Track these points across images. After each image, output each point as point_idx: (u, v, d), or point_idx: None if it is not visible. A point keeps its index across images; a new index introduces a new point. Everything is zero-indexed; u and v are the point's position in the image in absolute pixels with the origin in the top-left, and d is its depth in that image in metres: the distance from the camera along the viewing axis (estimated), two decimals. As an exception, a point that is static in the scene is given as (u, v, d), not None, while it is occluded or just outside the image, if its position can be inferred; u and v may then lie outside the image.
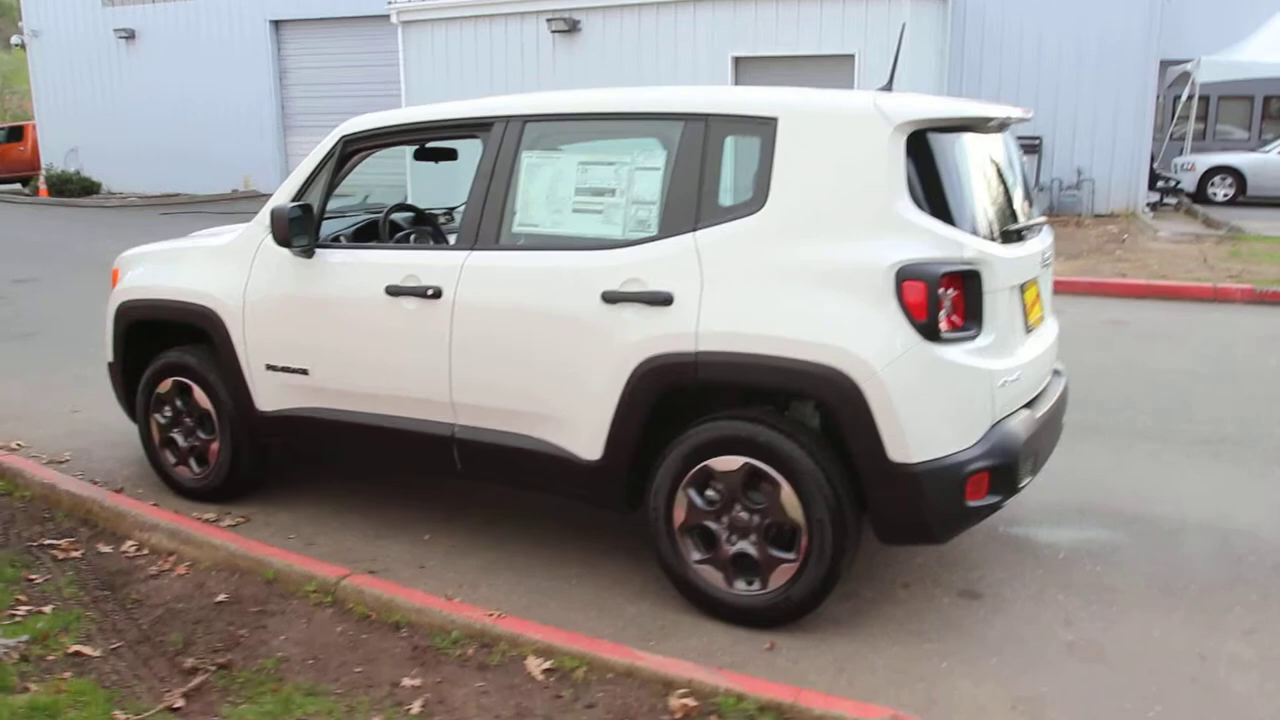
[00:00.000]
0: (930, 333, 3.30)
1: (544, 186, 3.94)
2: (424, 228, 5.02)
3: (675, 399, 3.66)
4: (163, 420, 4.96)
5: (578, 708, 3.08)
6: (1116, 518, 4.69)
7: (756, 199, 3.51)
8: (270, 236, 4.47)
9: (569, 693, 3.14)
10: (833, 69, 14.66)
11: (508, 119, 4.01)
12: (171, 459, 4.98)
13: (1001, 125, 3.85)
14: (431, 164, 5.20)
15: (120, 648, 3.52)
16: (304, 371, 4.42)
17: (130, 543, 4.36)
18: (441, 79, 17.74)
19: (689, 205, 3.60)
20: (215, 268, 4.67)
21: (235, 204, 21.38)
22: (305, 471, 5.30)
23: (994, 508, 3.55)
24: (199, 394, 4.78)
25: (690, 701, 3.01)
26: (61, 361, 7.86)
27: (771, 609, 3.60)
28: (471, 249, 4.01)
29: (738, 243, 3.51)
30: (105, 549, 4.34)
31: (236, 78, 22.87)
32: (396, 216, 4.93)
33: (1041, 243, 3.99)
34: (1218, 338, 8.75)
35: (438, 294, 4.00)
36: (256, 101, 22.93)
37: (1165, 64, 18.38)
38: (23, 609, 3.77)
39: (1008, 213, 3.66)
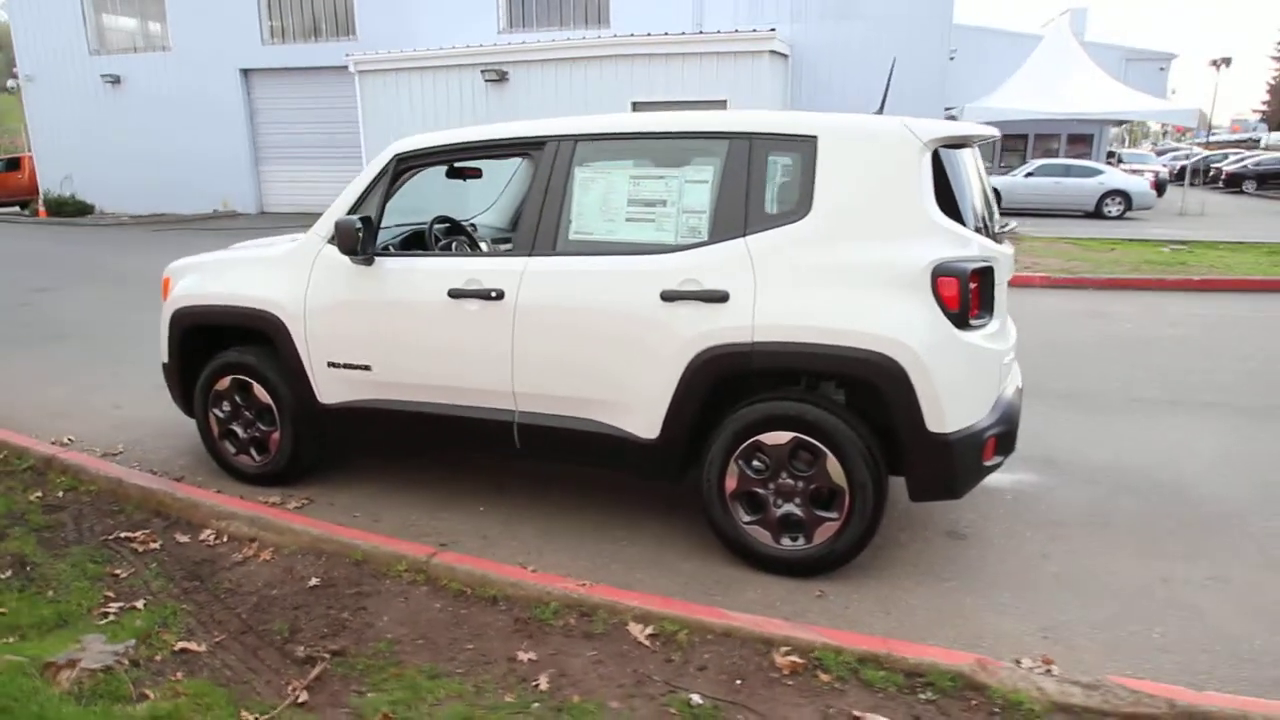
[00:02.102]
0: (961, 321, 2.91)
1: (597, 198, 3.33)
2: (460, 237, 4.31)
3: (725, 384, 3.16)
4: (221, 414, 4.13)
5: (691, 670, 2.54)
6: (1041, 464, 4.41)
7: (801, 207, 3.03)
8: (327, 246, 3.74)
9: (678, 656, 2.60)
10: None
11: (560, 138, 3.39)
12: (231, 449, 4.15)
13: (977, 141, 3.46)
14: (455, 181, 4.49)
15: (224, 640, 2.78)
16: (366, 367, 3.70)
17: (208, 531, 3.55)
18: (394, 120, 16.47)
19: (738, 213, 3.10)
20: (275, 275, 3.86)
21: (217, 222, 19.51)
22: (355, 455, 4.54)
23: (998, 465, 3.20)
24: (258, 390, 3.98)
25: (795, 659, 2.52)
26: (96, 361, 6.72)
27: (817, 560, 3.16)
28: (530, 255, 3.38)
29: (786, 246, 3.03)
30: (183, 539, 3.52)
31: (212, 117, 20.76)
32: (436, 228, 4.21)
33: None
34: (1039, 314, 8.73)
35: (500, 295, 3.36)
36: (231, 137, 20.89)
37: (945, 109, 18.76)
38: (114, 606, 2.97)
39: (990, 215, 3.29)
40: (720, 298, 3.05)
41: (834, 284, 2.96)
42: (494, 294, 3.37)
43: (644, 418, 3.26)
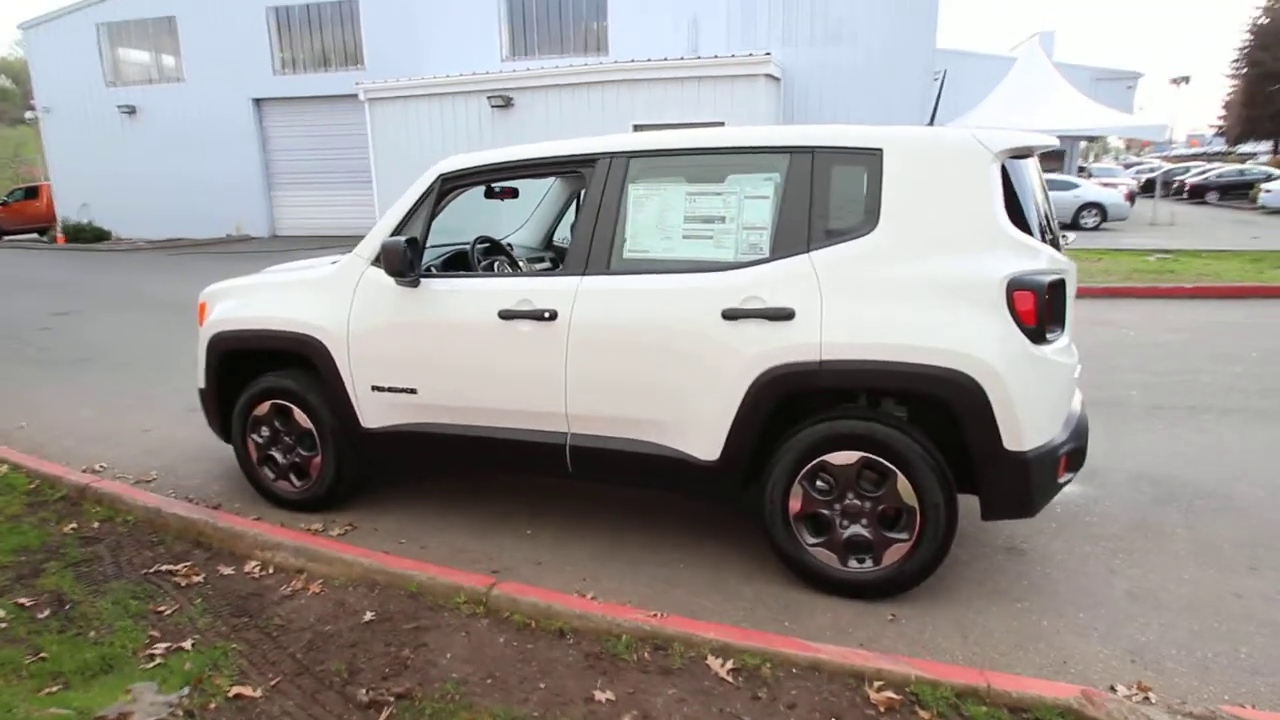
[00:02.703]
0: (1037, 336, 2.69)
1: (652, 216, 3.10)
2: (500, 257, 4.07)
3: (788, 404, 2.92)
4: (260, 440, 3.86)
5: (780, 708, 2.29)
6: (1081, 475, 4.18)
7: (868, 221, 2.81)
8: (371, 268, 3.49)
9: (764, 693, 2.35)
10: (709, 132, 14.08)
11: (612, 155, 3.16)
12: (270, 475, 3.88)
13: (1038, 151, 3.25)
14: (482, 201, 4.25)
15: (280, 683, 2.51)
16: (411, 391, 3.44)
17: (253, 563, 3.28)
18: (402, 145, 16.26)
19: (801, 228, 2.87)
20: (317, 298, 3.60)
21: (230, 246, 19.19)
22: (393, 478, 4.27)
23: (1069, 482, 2.97)
24: (299, 414, 3.71)
25: (891, 694, 2.27)
26: (122, 384, 6.42)
27: (886, 583, 2.91)
28: (583, 274, 3.14)
29: (853, 261, 2.80)
30: (227, 571, 3.25)
31: (225, 144, 20.48)
32: (477, 248, 3.96)
33: None
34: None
35: (553, 316, 3.12)
36: (243, 163, 20.59)
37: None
38: (160, 646, 2.69)
39: (1054, 226, 3.06)
40: (785, 315, 2.81)
41: (904, 300, 2.73)
42: (547, 314, 3.12)
43: (704, 439, 3.01)
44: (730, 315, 2.88)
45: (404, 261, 3.23)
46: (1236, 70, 49.86)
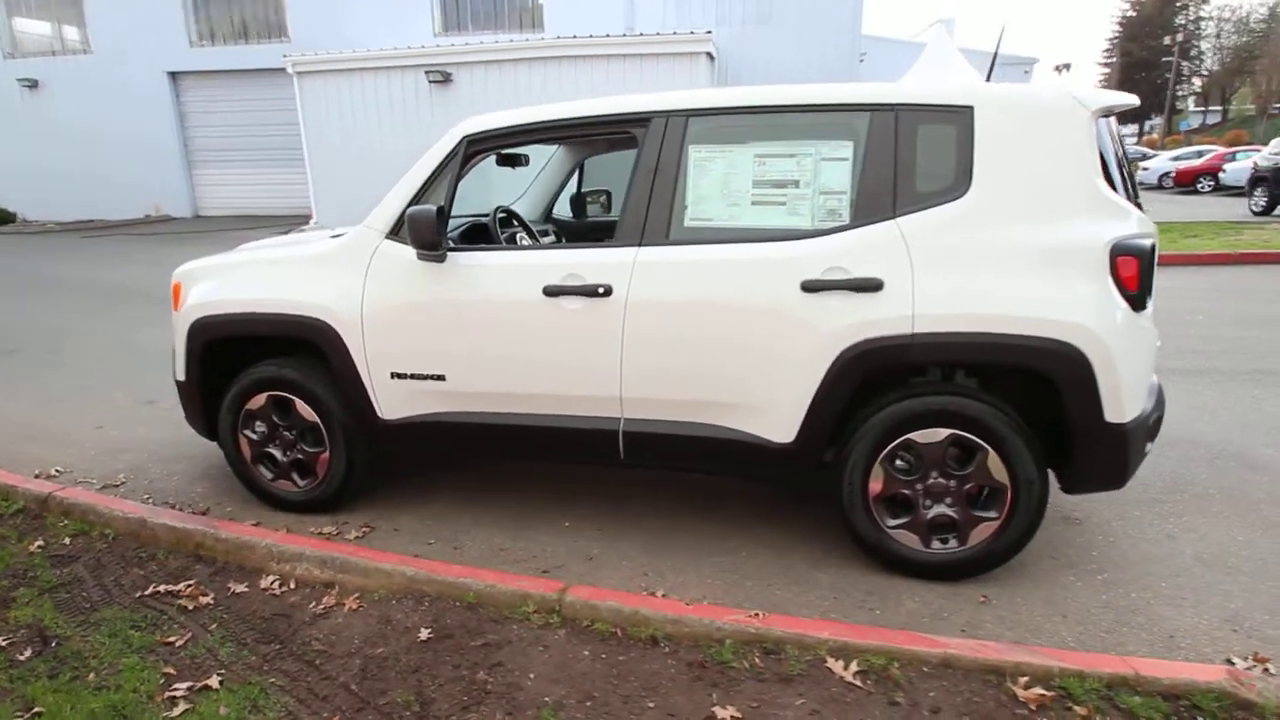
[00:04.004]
0: (1139, 303, 2.46)
1: (716, 180, 2.71)
2: (516, 229, 3.60)
3: (871, 381, 2.63)
4: (255, 436, 3.31)
5: (923, 712, 2.01)
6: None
7: (959, 184, 2.51)
8: (386, 241, 2.99)
9: (901, 698, 2.06)
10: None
11: (669, 114, 2.75)
12: (268, 474, 3.35)
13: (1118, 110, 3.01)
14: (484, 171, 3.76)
15: (340, 722, 2.07)
16: (440, 377, 2.98)
17: (270, 578, 2.77)
18: (334, 121, 15.12)
19: (885, 193, 2.55)
20: (322, 276, 3.07)
21: (150, 227, 17.57)
22: (398, 470, 3.78)
23: (1149, 451, 2.79)
24: (301, 407, 3.19)
25: (1041, 690, 2.02)
26: (56, 376, 5.59)
27: (973, 563, 2.68)
28: (639, 245, 2.74)
29: (945, 227, 2.50)
30: (239, 588, 2.74)
31: (139, 120, 18.65)
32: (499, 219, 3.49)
33: None
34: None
35: (608, 292, 2.71)
36: (160, 141, 18.81)
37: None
38: (181, 686, 2.20)
39: (1135, 187, 2.84)
40: (873, 286, 2.50)
41: (1002, 267, 2.45)
42: (601, 290, 2.71)
43: (778, 420, 2.69)
44: (810, 287, 2.55)
45: (434, 233, 2.75)
46: (1108, 59, 52.60)
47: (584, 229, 4.43)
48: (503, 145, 3.00)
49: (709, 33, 13.91)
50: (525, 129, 2.95)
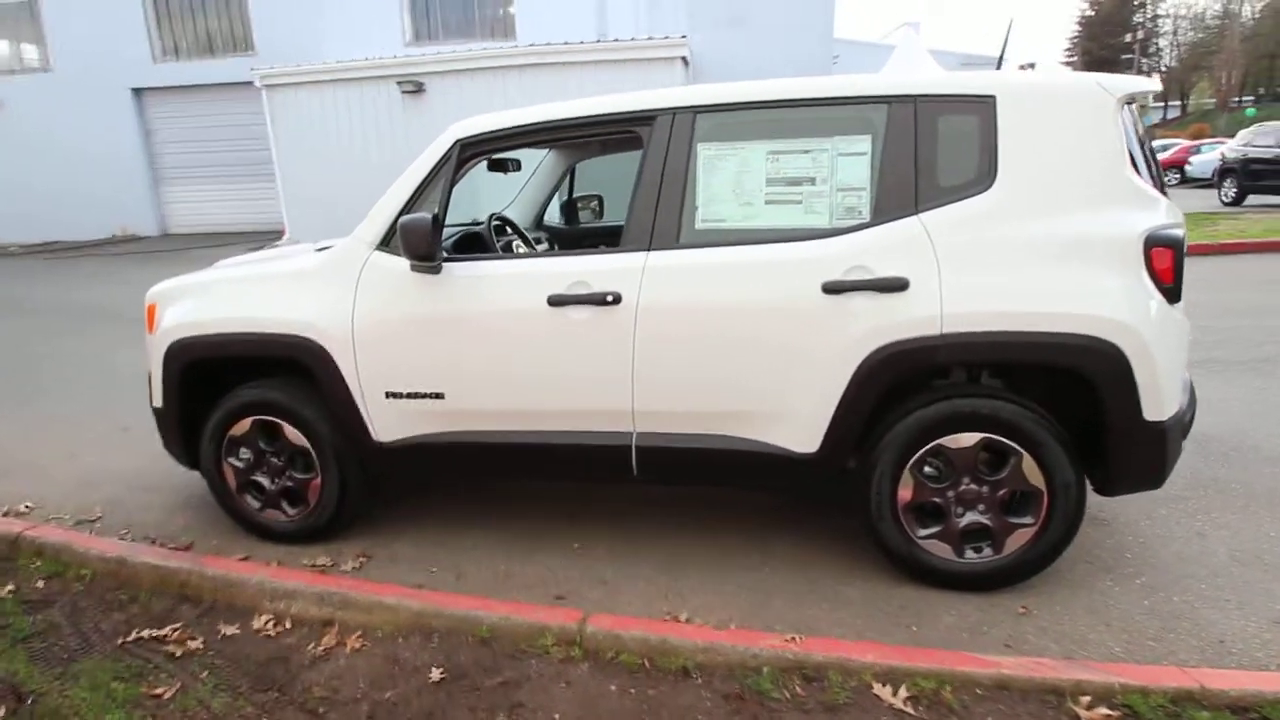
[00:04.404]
0: (1174, 296, 2.36)
1: (727, 179, 2.58)
2: (511, 237, 3.44)
3: (898, 384, 2.50)
4: (240, 463, 3.11)
5: (984, 742, 1.88)
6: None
7: (983, 177, 2.40)
8: (377, 253, 2.82)
9: (958, 725, 1.94)
10: (630, 116, 13.51)
11: (675, 111, 2.62)
12: (255, 503, 3.15)
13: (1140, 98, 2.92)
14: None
15: (351, 777, 1.89)
16: (438, 396, 2.81)
17: (263, 617, 2.57)
18: (307, 134, 14.80)
19: (907, 188, 2.43)
20: (308, 292, 2.89)
21: (117, 247, 17.07)
22: (393, 493, 3.59)
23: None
24: (290, 431, 3.00)
25: (1106, 710, 1.90)
26: (25, 403, 5.31)
27: (1008, 572, 2.56)
28: (649, 249, 2.59)
29: (971, 221, 2.38)
30: (230, 630, 2.54)
31: (103, 139, 18.13)
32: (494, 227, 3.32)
33: None
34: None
35: (617, 300, 2.56)
36: (125, 159, 18.29)
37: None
38: (172, 743, 2.01)
39: (1159, 175, 2.76)
40: (898, 285, 2.38)
41: (1032, 262, 2.34)
42: (610, 298, 2.56)
43: (800, 429, 2.55)
44: (832, 289, 2.42)
45: (430, 243, 2.59)
46: (1069, 58, 53.55)
47: (577, 235, 4.28)
48: (498, 148, 2.85)
49: (684, 37, 13.84)
50: (522, 131, 2.80)
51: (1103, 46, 51.57)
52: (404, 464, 2.95)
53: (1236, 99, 43.57)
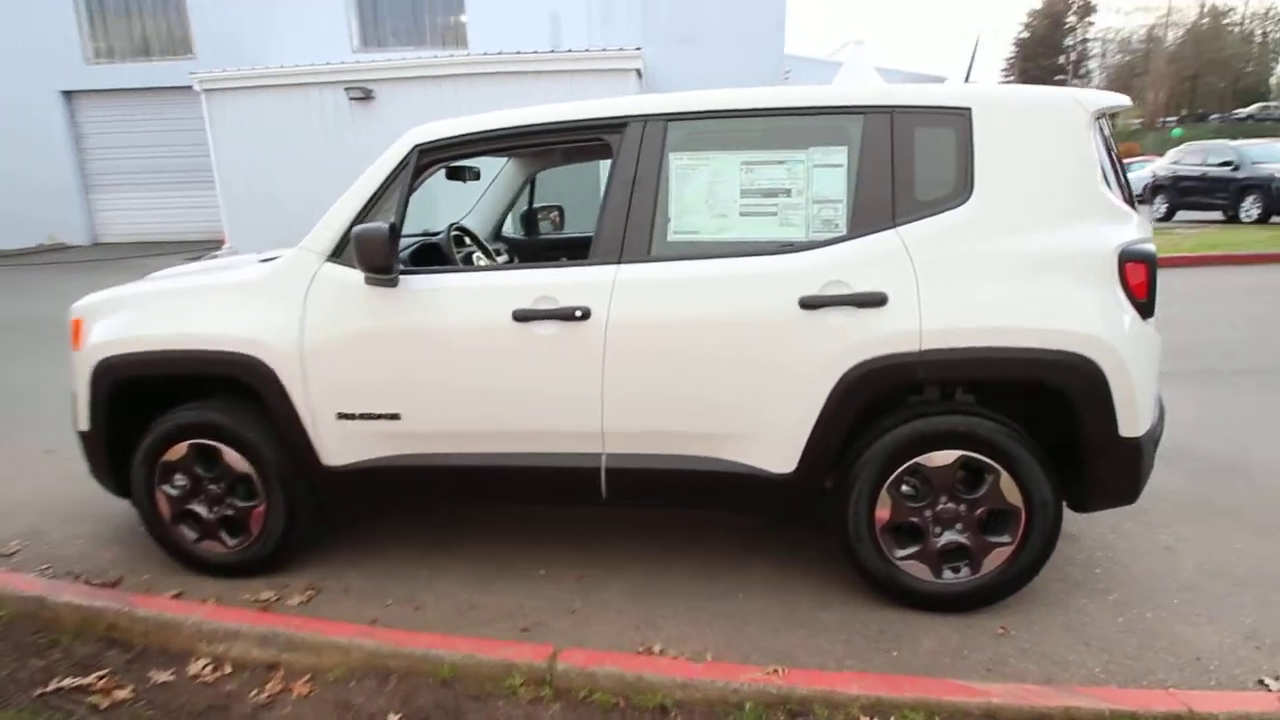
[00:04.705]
0: (1147, 310, 2.36)
1: (700, 190, 2.49)
2: (471, 248, 3.29)
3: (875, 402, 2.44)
4: (175, 491, 2.88)
5: (977, 777, 1.81)
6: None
7: (960, 190, 2.36)
8: (328, 264, 2.65)
9: (950, 759, 1.86)
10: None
11: (646, 118, 2.52)
12: (191, 534, 2.92)
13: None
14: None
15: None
16: (394, 416, 2.64)
17: (200, 662, 2.36)
18: (247, 140, 14.29)
19: (883, 201, 2.38)
20: (250, 306, 2.69)
21: (45, 256, 16.18)
22: (343, 518, 3.38)
23: None
24: (231, 455, 2.79)
25: (1098, 739, 1.85)
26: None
27: (985, 591, 2.51)
28: (619, 262, 2.48)
29: (949, 235, 2.34)
30: (163, 677, 2.31)
31: (29, 144, 17.15)
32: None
33: None
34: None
35: (585, 315, 2.44)
36: (53, 165, 17.38)
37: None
38: (94, 810, 1.80)
39: (1128, 190, 2.76)
40: (877, 300, 2.32)
41: (1010, 277, 2.31)
42: (578, 313, 2.44)
43: (777, 448, 2.47)
44: (809, 304, 2.35)
45: (386, 254, 2.43)
46: (1006, 78, 55.59)
47: (539, 247, 4.15)
48: (459, 155, 2.71)
49: (638, 49, 13.86)
50: (484, 137, 2.67)
51: (1037, 67, 53.70)
52: (356, 489, 2.77)
53: (1163, 119, 45.81)
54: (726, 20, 17.13)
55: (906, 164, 2.38)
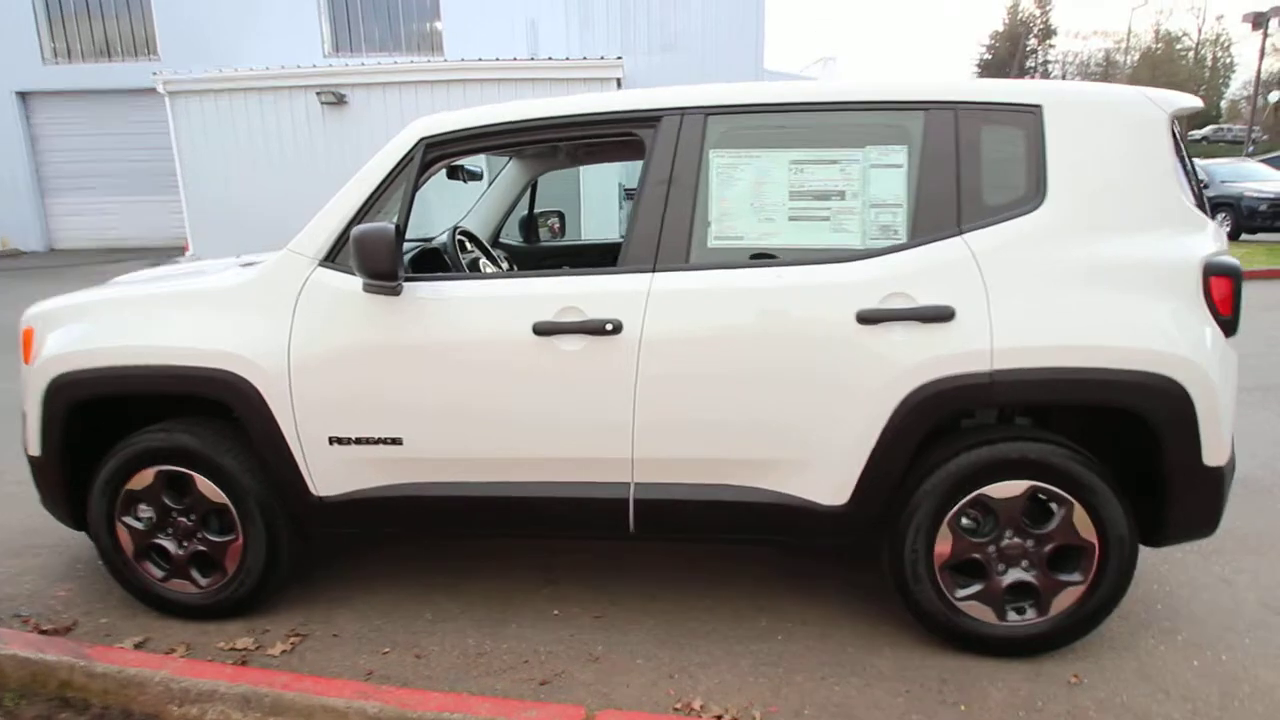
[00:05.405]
0: (1231, 328, 2.16)
1: (744, 192, 2.24)
2: (475, 254, 3.00)
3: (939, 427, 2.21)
4: (139, 524, 2.54)
5: None
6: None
7: (1031, 194, 2.15)
8: (321, 269, 2.35)
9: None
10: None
11: (683, 112, 2.27)
12: (158, 572, 2.57)
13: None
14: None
15: None
16: (395, 441, 2.33)
17: (170, 727, 2.03)
18: (214, 144, 13.77)
19: (948, 205, 2.16)
20: (230, 316, 2.37)
21: (-5, 263, 15.46)
22: (331, 550, 3.05)
23: None
24: (204, 484, 2.46)
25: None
26: None
27: (1053, 635, 2.29)
28: (653, 271, 2.22)
29: (1020, 243, 2.13)
30: (125, 746, 1.98)
31: (-20, 145, 16.52)
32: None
33: None
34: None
35: (617, 329, 2.18)
36: (6, 167, 16.65)
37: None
38: None
39: (1203, 198, 2.57)
40: (944, 316, 2.09)
41: (1088, 290, 2.10)
42: (608, 327, 2.17)
43: (829, 478, 2.22)
44: (868, 318, 2.12)
45: (391, 258, 2.14)
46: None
47: (539, 255, 3.87)
48: (470, 150, 2.43)
49: (619, 58, 13.66)
50: (499, 130, 2.39)
51: (1001, 89, 54.88)
52: (350, 522, 2.46)
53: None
54: (705, 32, 17.08)
55: (973, 165, 2.17)
